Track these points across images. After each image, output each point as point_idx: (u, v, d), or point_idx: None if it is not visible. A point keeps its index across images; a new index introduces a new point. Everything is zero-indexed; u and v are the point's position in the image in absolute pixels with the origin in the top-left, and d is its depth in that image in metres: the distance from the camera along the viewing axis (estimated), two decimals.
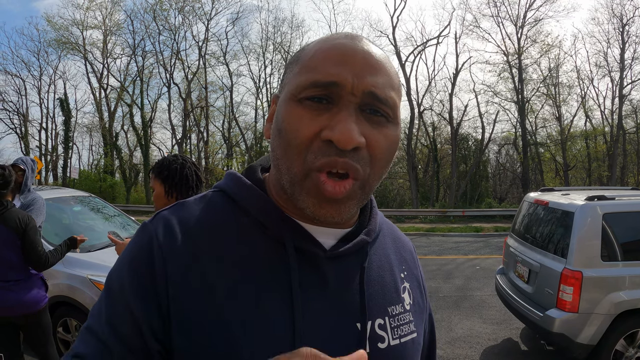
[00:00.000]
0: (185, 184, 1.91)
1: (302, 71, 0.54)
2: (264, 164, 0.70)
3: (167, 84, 26.73)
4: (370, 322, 0.60)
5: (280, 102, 0.56)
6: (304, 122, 0.52)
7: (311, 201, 0.53)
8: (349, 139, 0.50)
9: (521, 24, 23.44)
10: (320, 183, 0.52)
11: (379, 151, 0.54)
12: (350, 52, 0.53)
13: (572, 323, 3.35)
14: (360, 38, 0.56)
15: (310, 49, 0.57)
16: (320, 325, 0.56)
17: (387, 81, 0.54)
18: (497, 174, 29.69)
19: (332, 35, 0.57)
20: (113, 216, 5.11)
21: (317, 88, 0.52)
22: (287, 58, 26.07)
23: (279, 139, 0.55)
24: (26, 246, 2.57)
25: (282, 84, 0.60)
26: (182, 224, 0.58)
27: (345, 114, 0.51)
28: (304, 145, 0.52)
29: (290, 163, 0.54)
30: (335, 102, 0.52)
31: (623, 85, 22.91)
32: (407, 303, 0.67)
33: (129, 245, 0.58)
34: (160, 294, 0.53)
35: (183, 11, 25.70)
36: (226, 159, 27.61)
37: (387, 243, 0.71)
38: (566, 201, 3.81)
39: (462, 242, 11.47)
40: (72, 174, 15.65)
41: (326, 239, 0.60)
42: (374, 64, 0.54)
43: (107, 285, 0.56)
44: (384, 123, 0.55)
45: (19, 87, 27.97)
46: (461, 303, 5.78)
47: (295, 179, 0.53)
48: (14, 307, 2.57)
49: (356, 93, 0.52)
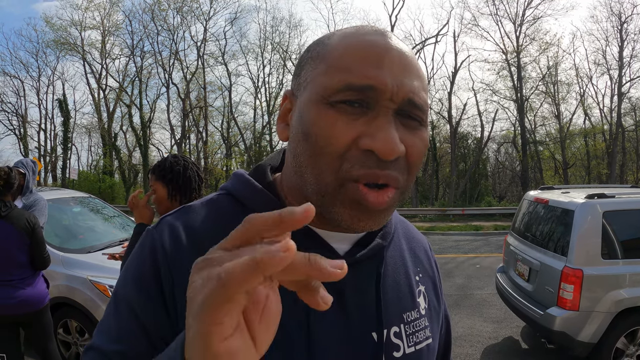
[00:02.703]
0: (188, 186, 1.88)
1: (332, 71, 0.50)
2: (273, 163, 0.66)
3: (166, 84, 26.74)
4: (386, 331, 0.58)
5: (305, 103, 0.51)
6: (338, 127, 0.48)
7: (348, 213, 0.49)
8: (393, 149, 0.47)
9: (520, 22, 23.47)
10: (361, 194, 0.48)
11: (416, 157, 0.51)
12: (385, 53, 0.49)
13: (573, 321, 3.35)
14: (391, 34, 0.52)
15: (336, 46, 0.52)
16: (336, 335, 0.54)
17: (421, 84, 0.51)
18: (497, 173, 29.72)
19: (358, 30, 0.52)
20: (112, 217, 5.10)
21: (352, 92, 0.48)
22: (285, 58, 26.09)
23: (305, 144, 0.50)
24: (34, 246, 2.66)
25: (298, 81, 0.55)
26: (188, 230, 0.55)
27: (384, 120, 0.48)
28: (339, 153, 0.48)
29: (320, 172, 0.49)
30: (371, 106, 0.48)
31: (622, 83, 22.93)
32: (423, 307, 0.65)
33: (133, 253, 0.56)
34: (168, 302, 0.51)
35: (181, 11, 25.71)
36: (225, 159, 27.60)
37: (402, 244, 0.68)
38: (566, 199, 3.81)
39: (462, 241, 11.47)
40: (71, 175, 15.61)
41: (340, 244, 0.57)
42: (409, 65, 0.50)
43: (114, 299, 0.54)
44: (418, 127, 0.51)
45: (17, 88, 27.94)
46: (462, 302, 5.78)
47: (327, 190, 0.49)
48: (19, 305, 2.61)
49: (395, 99, 0.48)
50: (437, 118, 25.98)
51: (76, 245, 3.97)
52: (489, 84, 25.11)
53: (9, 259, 2.59)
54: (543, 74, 24.07)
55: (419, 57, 24.84)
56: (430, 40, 24.53)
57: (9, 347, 2.65)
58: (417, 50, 24.35)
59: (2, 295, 2.57)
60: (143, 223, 1.92)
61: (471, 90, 25.13)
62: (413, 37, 25.84)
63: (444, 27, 30.59)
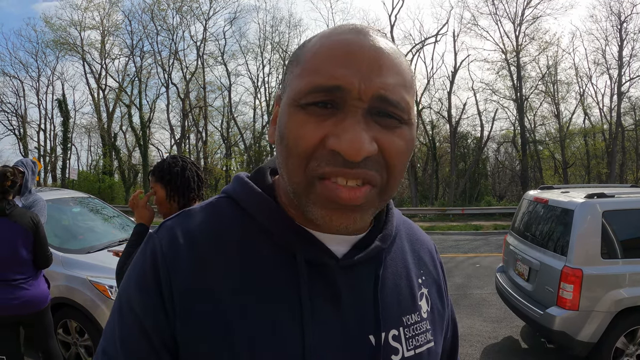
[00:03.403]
0: (187, 187, 1.87)
1: (304, 73, 0.49)
2: (274, 165, 0.65)
3: (166, 84, 26.74)
4: (384, 334, 0.57)
5: (283, 107, 0.52)
6: (306, 128, 0.48)
7: (320, 212, 0.49)
8: (358, 149, 0.45)
9: (519, 22, 23.47)
10: (330, 190, 0.47)
11: (395, 156, 0.49)
12: (355, 50, 0.48)
13: (573, 321, 3.35)
14: (367, 31, 0.50)
15: (311, 47, 0.51)
16: (332, 339, 0.54)
17: (399, 81, 0.49)
18: (496, 172, 29.75)
19: (336, 29, 0.51)
20: (112, 217, 5.10)
21: (319, 93, 0.47)
22: (285, 57, 26.08)
23: (280, 146, 0.51)
24: (37, 244, 2.69)
25: (283, 85, 0.55)
26: (187, 235, 0.55)
27: (352, 121, 0.47)
28: (307, 154, 0.48)
29: (290, 172, 0.50)
30: (340, 107, 0.48)
31: (621, 82, 22.94)
32: (425, 311, 0.64)
33: (135, 258, 0.57)
34: (167, 307, 0.52)
35: (181, 11, 25.70)
36: (225, 159, 27.61)
37: (404, 246, 0.67)
38: (566, 199, 3.81)
39: (461, 240, 11.47)
40: (70, 175, 15.61)
41: (339, 247, 0.57)
42: (383, 62, 0.48)
43: (118, 303, 0.55)
44: (397, 125, 0.50)
45: (17, 89, 27.96)
46: (461, 301, 5.78)
47: (299, 189, 0.50)
48: (23, 305, 2.61)
49: (364, 98, 0.47)
50: (436, 118, 26.02)
51: (76, 246, 3.97)
52: (489, 83, 25.16)
53: (14, 257, 2.60)
54: (542, 73, 24.09)
55: (418, 56, 24.92)
56: (430, 39, 24.55)
57: (10, 348, 2.66)
58: (417, 50, 24.38)
59: (6, 295, 2.57)
60: (143, 223, 1.93)
61: (471, 90, 25.17)
62: (413, 36, 25.96)
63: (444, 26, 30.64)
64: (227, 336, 0.51)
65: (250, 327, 0.51)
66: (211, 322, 0.51)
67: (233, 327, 0.51)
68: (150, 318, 0.51)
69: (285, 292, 0.53)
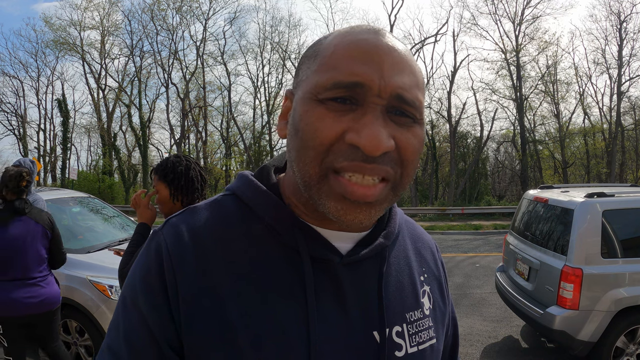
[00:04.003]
0: (191, 186, 1.86)
1: (322, 69, 0.50)
2: (277, 163, 0.67)
3: (165, 84, 26.74)
4: (388, 330, 0.58)
5: (298, 101, 0.53)
6: (325, 122, 0.48)
7: (334, 205, 0.49)
8: (378, 144, 0.47)
9: (519, 22, 23.48)
10: (344, 186, 0.48)
11: (410, 153, 0.51)
12: (374, 49, 0.49)
13: (573, 320, 3.35)
14: (384, 32, 0.52)
15: (329, 44, 0.52)
16: (337, 336, 0.54)
17: (414, 81, 0.51)
18: (496, 172, 29.76)
19: (352, 29, 0.53)
20: (112, 217, 5.10)
21: (340, 89, 0.48)
22: (284, 57, 26.09)
23: (295, 139, 0.52)
24: (54, 243, 2.72)
25: (296, 80, 0.56)
26: (192, 232, 0.56)
27: (372, 117, 0.48)
28: (324, 147, 0.48)
29: (304, 164, 0.50)
30: (360, 103, 0.49)
31: (621, 82, 22.95)
32: (427, 308, 0.65)
33: (140, 254, 0.58)
34: (172, 305, 0.52)
35: (181, 11, 25.70)
36: (225, 159, 27.60)
37: (407, 243, 0.68)
38: (566, 198, 3.81)
39: (461, 240, 11.48)
40: (70, 175, 15.57)
41: (343, 243, 0.58)
42: (400, 62, 0.50)
43: (122, 298, 0.56)
44: (411, 124, 0.51)
45: (16, 89, 27.97)
46: (461, 301, 5.78)
47: (311, 181, 0.50)
48: (41, 304, 2.62)
49: (383, 95, 0.48)
50: (436, 117, 26.01)
51: (76, 246, 3.96)
52: (488, 83, 25.18)
53: (36, 255, 2.62)
54: (542, 73, 24.10)
55: (418, 56, 24.85)
56: (430, 39, 24.58)
57: (19, 350, 2.64)
58: (417, 50, 24.36)
59: (27, 294, 2.56)
60: (145, 223, 1.92)
61: (470, 90, 25.21)
62: (412, 36, 25.93)
63: (444, 26, 30.68)
64: (232, 334, 0.51)
65: (255, 326, 0.51)
66: (216, 320, 0.51)
67: (238, 325, 0.51)
68: (154, 315, 0.52)
69: (290, 290, 0.54)
